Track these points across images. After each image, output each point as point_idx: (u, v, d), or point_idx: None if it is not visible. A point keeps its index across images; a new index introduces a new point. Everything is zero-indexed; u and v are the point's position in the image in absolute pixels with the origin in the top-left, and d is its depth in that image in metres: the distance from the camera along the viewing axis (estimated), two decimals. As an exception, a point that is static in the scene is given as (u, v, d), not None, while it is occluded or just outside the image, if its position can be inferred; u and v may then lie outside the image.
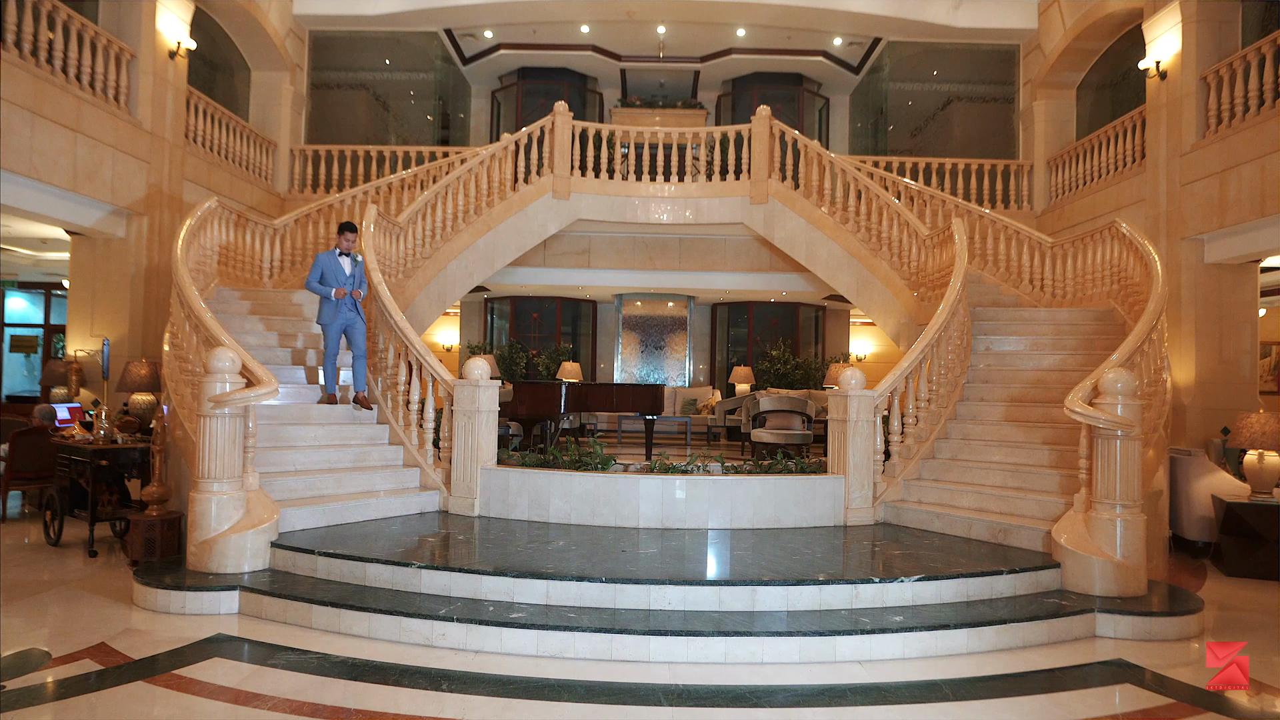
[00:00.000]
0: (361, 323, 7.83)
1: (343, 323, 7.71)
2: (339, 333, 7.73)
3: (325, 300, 7.70)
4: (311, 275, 7.70)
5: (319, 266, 7.69)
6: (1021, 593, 5.59)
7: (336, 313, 7.68)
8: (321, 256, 7.77)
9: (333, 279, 7.71)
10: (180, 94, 10.53)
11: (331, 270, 7.72)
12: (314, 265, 7.71)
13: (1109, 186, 11.61)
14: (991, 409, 7.99)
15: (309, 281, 7.70)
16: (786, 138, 11.74)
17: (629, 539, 6.37)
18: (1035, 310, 9.41)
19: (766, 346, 15.54)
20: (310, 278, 7.70)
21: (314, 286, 7.69)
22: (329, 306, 7.68)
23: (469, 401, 7.09)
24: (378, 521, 6.65)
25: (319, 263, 7.71)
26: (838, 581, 5.22)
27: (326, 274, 7.71)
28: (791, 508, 6.92)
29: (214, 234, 9.08)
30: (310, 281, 7.70)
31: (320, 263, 7.72)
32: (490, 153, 11.28)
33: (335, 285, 7.67)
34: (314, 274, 7.70)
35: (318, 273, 7.69)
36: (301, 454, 6.97)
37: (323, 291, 7.65)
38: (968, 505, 6.93)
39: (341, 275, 7.75)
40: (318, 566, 5.56)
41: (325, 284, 7.69)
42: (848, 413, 7.09)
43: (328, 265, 7.72)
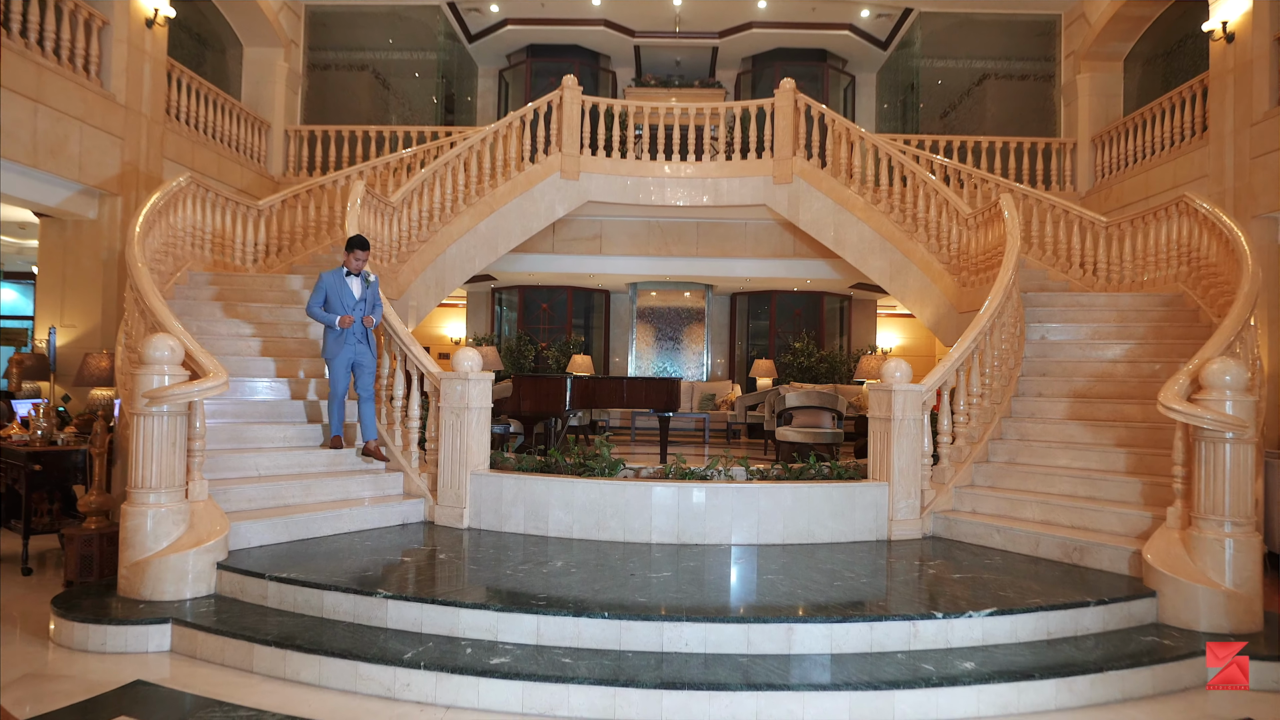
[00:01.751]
0: (372, 357, 6.48)
1: (350, 356, 6.34)
2: (346, 368, 6.36)
3: (330, 330, 6.34)
4: (313, 298, 6.32)
5: (322, 288, 6.32)
6: (1112, 628, 4.55)
7: (342, 344, 6.30)
8: (326, 277, 6.36)
9: (338, 304, 6.31)
10: (159, 66, 9.62)
11: (337, 293, 6.32)
12: (316, 287, 6.35)
13: (1165, 163, 10.48)
14: (1052, 405, 6.94)
15: (310, 306, 6.32)
16: (812, 112, 10.70)
17: (639, 557, 5.39)
18: (1093, 295, 8.33)
19: (789, 338, 14.48)
20: (311, 301, 6.31)
21: (316, 312, 6.29)
22: (334, 337, 6.31)
23: (457, 397, 6.12)
24: (350, 536, 5.70)
25: (322, 284, 6.33)
26: (892, 617, 4.21)
27: (331, 298, 6.31)
28: (827, 519, 5.91)
29: (187, 214, 8.16)
30: (311, 306, 6.30)
31: (324, 284, 6.33)
32: (494, 129, 10.31)
33: (341, 311, 6.29)
34: (316, 297, 6.31)
35: (320, 296, 6.30)
36: (267, 456, 6.04)
37: (326, 319, 6.27)
38: (1032, 517, 5.89)
39: (349, 299, 6.34)
40: (268, 593, 4.62)
41: (330, 309, 6.31)
42: (891, 410, 6.06)
43: (333, 288, 6.32)
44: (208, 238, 8.52)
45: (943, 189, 9.47)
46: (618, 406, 7.93)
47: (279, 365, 7.10)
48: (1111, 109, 12.31)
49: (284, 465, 6.05)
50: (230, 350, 7.09)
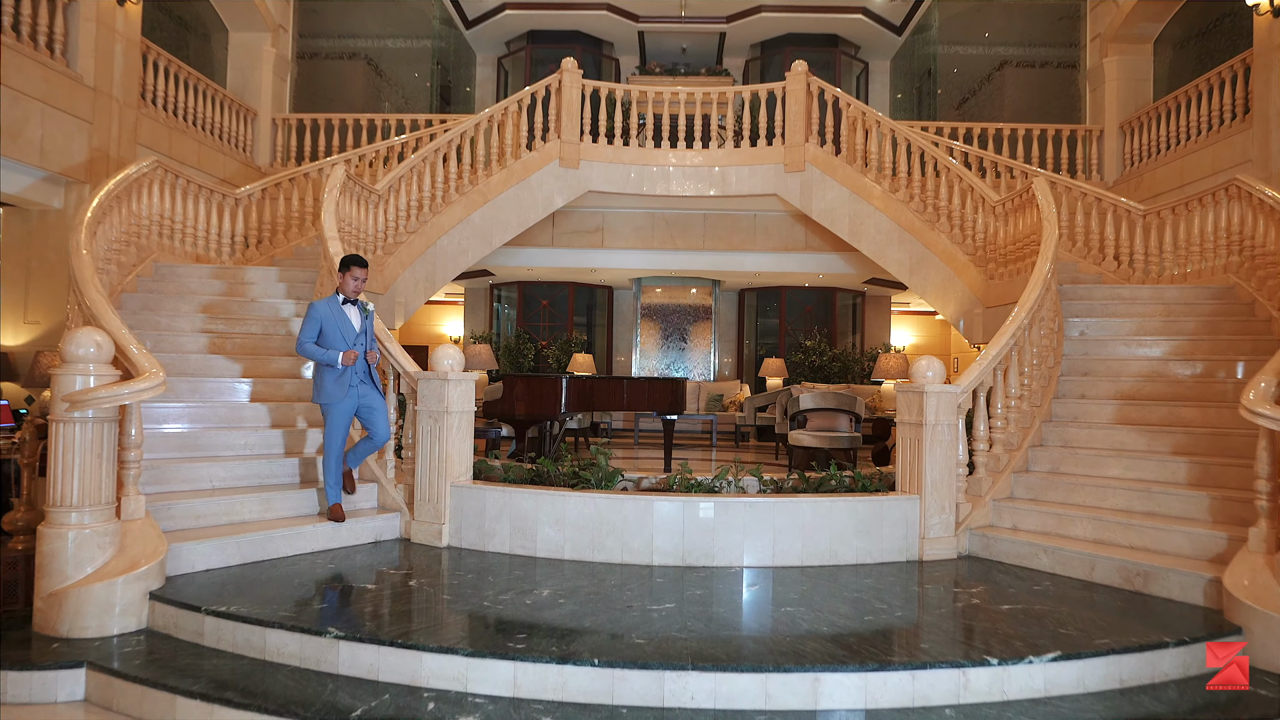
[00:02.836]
0: (381, 399, 5.40)
1: (354, 402, 5.26)
2: (348, 418, 5.26)
3: (325, 370, 5.19)
4: (305, 332, 5.15)
5: (315, 320, 5.17)
6: (1194, 673, 3.81)
7: (344, 387, 5.19)
8: (319, 306, 5.21)
9: (335, 337, 5.19)
10: (133, 46, 8.94)
11: (334, 325, 5.21)
12: (307, 318, 5.18)
13: (1202, 148, 9.70)
14: (1097, 409, 6.19)
15: (301, 342, 5.14)
16: (826, 96, 9.98)
17: (638, 583, 4.68)
18: (1135, 288, 7.58)
19: (800, 336, 13.73)
20: (303, 336, 5.15)
21: (310, 349, 5.15)
22: (332, 379, 5.18)
23: (435, 400, 5.41)
24: (312, 557, 4.99)
25: (315, 315, 5.18)
26: (937, 663, 3.48)
27: (327, 330, 5.18)
28: (851, 538, 5.18)
29: (154, 201, 7.48)
30: (303, 342, 5.14)
31: (316, 315, 5.18)
32: (488, 114, 9.61)
33: (341, 346, 5.19)
34: (308, 330, 5.15)
35: (313, 328, 5.16)
36: (223, 466, 5.34)
37: (321, 356, 5.14)
38: (1084, 536, 5.15)
39: (349, 331, 5.25)
40: (204, 629, 3.92)
41: (325, 344, 5.20)
42: (923, 414, 5.32)
43: (328, 318, 5.20)
44: (178, 227, 7.84)
45: (967, 175, 8.74)
46: (618, 409, 7.22)
47: (246, 365, 6.40)
48: (1140, 94, 11.52)
49: (242, 476, 5.35)
50: (192, 348, 6.42)
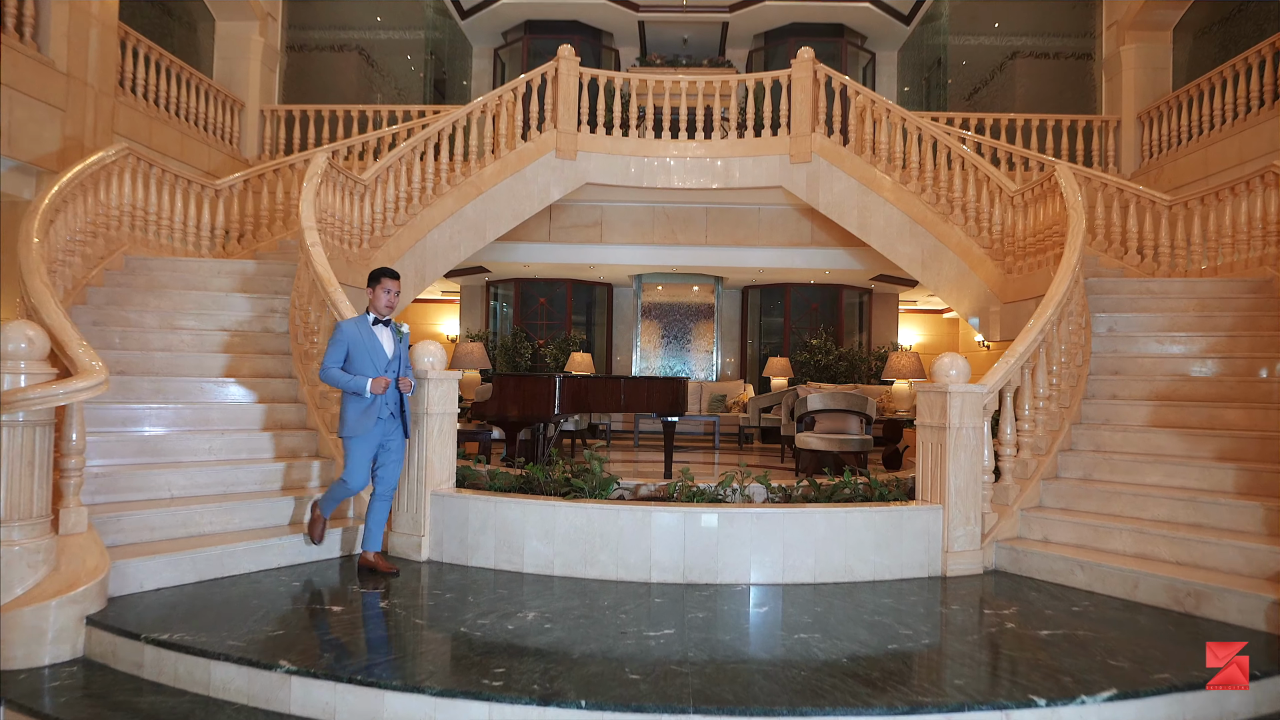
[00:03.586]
0: (403, 438, 4.75)
1: (379, 437, 4.59)
2: (371, 454, 4.59)
3: (351, 400, 4.51)
4: (330, 356, 4.51)
5: (341, 344, 4.51)
6: (1265, 711, 3.33)
7: (371, 418, 4.51)
8: (346, 327, 4.56)
9: (363, 362, 4.50)
10: (109, 31, 8.48)
11: (363, 348, 4.52)
12: (333, 339, 4.54)
13: (1227, 137, 9.22)
14: (1131, 410, 5.71)
15: (326, 368, 4.50)
16: (833, 84, 9.49)
17: (635, 604, 4.20)
18: (1165, 281, 7.09)
19: (805, 335, 13.23)
20: (328, 360, 4.51)
21: (335, 375, 4.48)
22: (359, 410, 4.49)
23: (409, 402, 4.94)
24: (277, 574, 4.52)
25: (341, 337, 4.52)
26: (978, 705, 3.00)
27: (355, 355, 4.51)
28: (869, 552, 4.70)
29: (124, 191, 7.02)
30: (328, 368, 4.50)
31: (343, 337, 4.52)
32: (481, 102, 9.14)
33: (372, 372, 4.50)
34: (333, 353, 4.51)
35: (339, 352, 4.50)
36: (184, 473, 4.87)
37: (347, 384, 4.45)
38: (1124, 550, 4.66)
39: (379, 356, 4.56)
40: (144, 660, 3.45)
41: (352, 369, 4.51)
42: (947, 416, 4.84)
43: (356, 341, 4.52)
44: (152, 219, 7.37)
45: (983, 164, 8.25)
46: (614, 411, 6.75)
47: (216, 364, 5.94)
48: (1159, 83, 11.02)
49: (204, 484, 4.88)
50: (158, 345, 5.95)
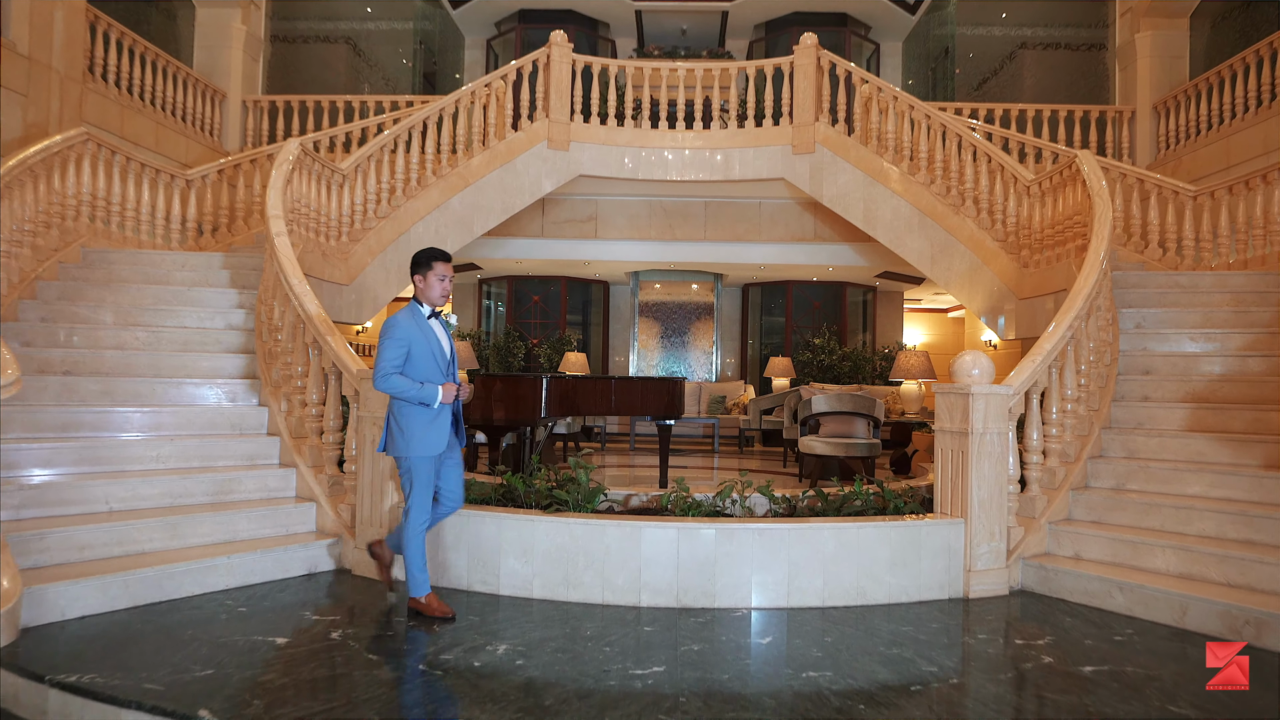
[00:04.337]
0: (460, 446, 3.94)
1: (440, 450, 3.76)
2: (434, 473, 3.78)
3: (415, 411, 3.67)
4: (387, 358, 3.61)
5: (399, 339, 3.64)
6: (1353, 768, 2.84)
7: (441, 431, 3.73)
8: (403, 322, 3.68)
9: (426, 365, 3.69)
10: (76, 14, 8.00)
11: (424, 347, 3.70)
12: (390, 337, 3.63)
13: (1250, 126, 8.72)
14: (1166, 413, 5.20)
15: (382, 373, 3.60)
16: (838, 71, 8.99)
17: (622, 632, 3.70)
18: (1194, 275, 6.58)
19: (807, 334, 12.73)
20: (385, 364, 3.60)
21: (397, 383, 3.61)
22: (422, 422, 3.67)
23: (379, 403, 4.44)
24: (223, 597, 4.01)
25: (401, 333, 3.64)
26: (1021, 767, 2.51)
27: (416, 355, 3.68)
28: (883, 571, 4.20)
29: (83, 178, 6.51)
30: (385, 372, 3.60)
31: (403, 334, 3.65)
32: (470, 89, 8.65)
33: (436, 377, 3.71)
34: (392, 353, 3.62)
35: (399, 353, 3.63)
36: (124, 485, 4.37)
37: (417, 393, 3.62)
38: (1167, 569, 4.16)
39: (439, 355, 3.76)
40: (49, 707, 2.95)
41: (414, 372, 3.67)
42: (969, 420, 4.34)
43: (418, 339, 3.68)
44: (115, 209, 6.88)
45: (997, 152, 7.75)
46: (605, 414, 6.25)
47: (172, 363, 5.44)
48: (1176, 72, 10.52)
49: (147, 495, 4.38)
50: (111, 343, 5.46)
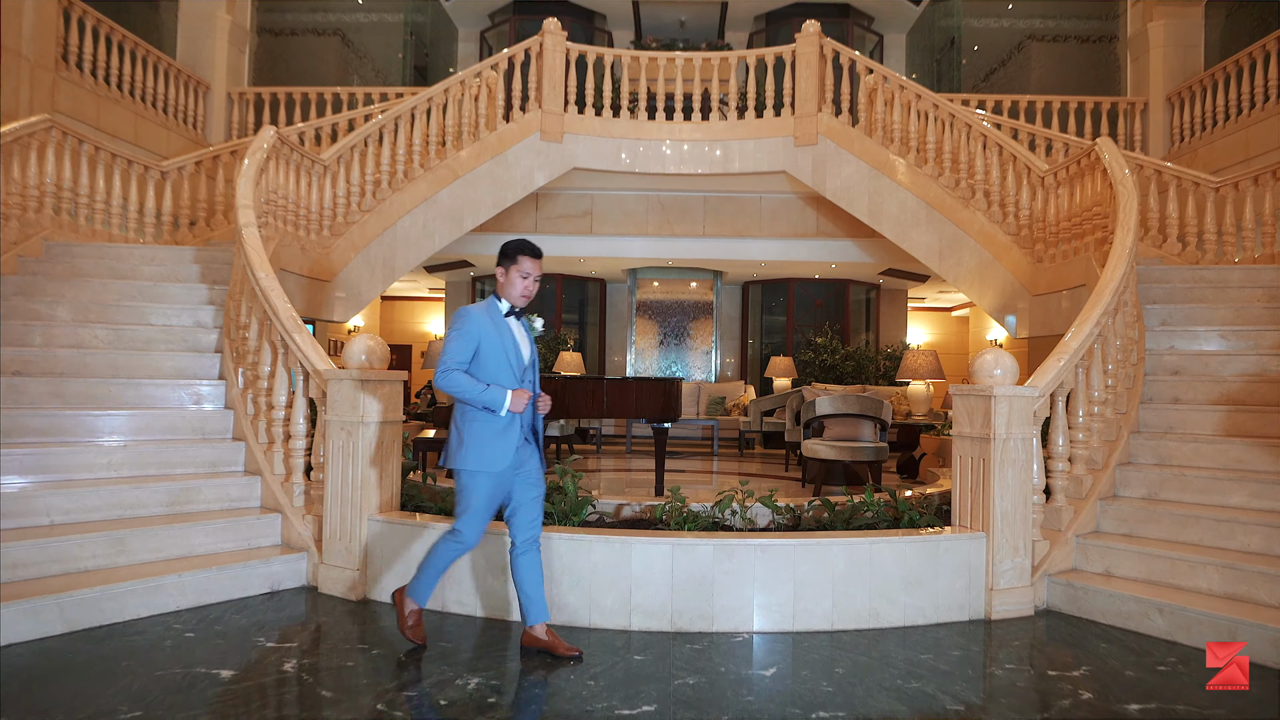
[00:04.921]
0: (541, 467, 3.39)
1: (511, 468, 3.25)
2: (501, 495, 3.28)
3: (481, 417, 3.18)
4: (453, 353, 3.15)
5: (468, 334, 3.17)
6: None
7: (509, 444, 3.21)
8: (475, 315, 3.21)
9: (497, 366, 3.21)
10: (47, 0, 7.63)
11: (497, 346, 3.21)
12: (458, 330, 3.18)
13: (1270, 116, 8.34)
14: (1199, 416, 4.81)
15: (447, 367, 3.12)
16: (841, 60, 8.61)
17: (609, 660, 3.31)
18: (1221, 269, 6.20)
19: (809, 333, 12.34)
20: (451, 359, 3.14)
21: (459, 382, 3.12)
22: (490, 431, 3.18)
23: (347, 406, 4.05)
24: (172, 620, 3.62)
25: (471, 328, 3.18)
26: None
27: (486, 354, 3.19)
28: (897, 591, 3.81)
29: (45, 168, 6.13)
30: (450, 368, 3.12)
31: (473, 328, 3.18)
32: (459, 78, 8.26)
33: (506, 380, 3.21)
34: (459, 348, 3.15)
35: (466, 347, 3.16)
36: (69, 495, 3.98)
37: (479, 396, 3.13)
38: (1210, 589, 3.76)
39: (515, 357, 3.26)
40: (-51, 756, 2.58)
41: (482, 373, 3.18)
42: (991, 424, 3.95)
43: (489, 335, 3.20)
44: (82, 201, 6.49)
45: (1009, 142, 7.37)
46: (597, 416, 5.86)
47: (132, 363, 5.04)
48: (1190, 62, 10.13)
49: (94, 507, 3.99)
50: (67, 342, 5.07)
